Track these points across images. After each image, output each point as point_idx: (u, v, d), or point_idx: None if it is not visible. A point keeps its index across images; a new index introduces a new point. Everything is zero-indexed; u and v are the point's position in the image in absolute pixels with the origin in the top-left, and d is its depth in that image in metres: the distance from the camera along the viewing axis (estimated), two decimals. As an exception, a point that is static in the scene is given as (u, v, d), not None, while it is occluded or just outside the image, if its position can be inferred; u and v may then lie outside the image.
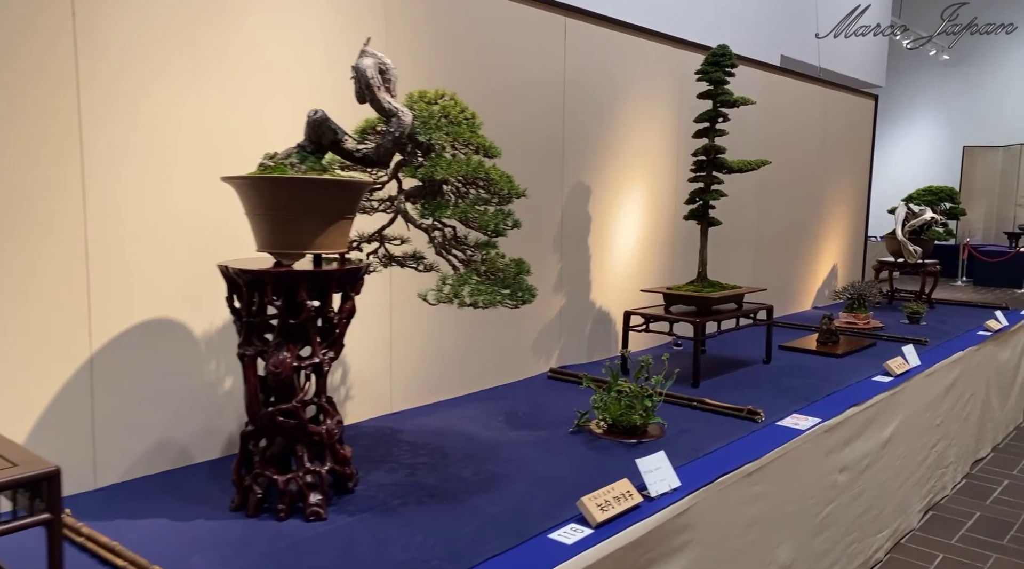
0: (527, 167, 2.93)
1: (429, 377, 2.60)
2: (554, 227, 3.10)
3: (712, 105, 3.14)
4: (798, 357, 3.54)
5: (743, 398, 2.75)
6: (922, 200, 5.12)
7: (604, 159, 3.32)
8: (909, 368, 3.26)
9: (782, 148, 4.62)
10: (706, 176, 3.17)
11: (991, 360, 4.25)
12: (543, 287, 3.07)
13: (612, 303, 3.43)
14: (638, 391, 2.33)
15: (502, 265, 1.74)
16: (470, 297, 1.67)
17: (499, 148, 1.84)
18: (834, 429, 2.57)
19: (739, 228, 4.32)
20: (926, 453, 3.44)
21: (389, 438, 2.22)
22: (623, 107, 3.39)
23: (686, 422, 2.47)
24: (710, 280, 3.23)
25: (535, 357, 3.08)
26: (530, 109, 2.92)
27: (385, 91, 1.67)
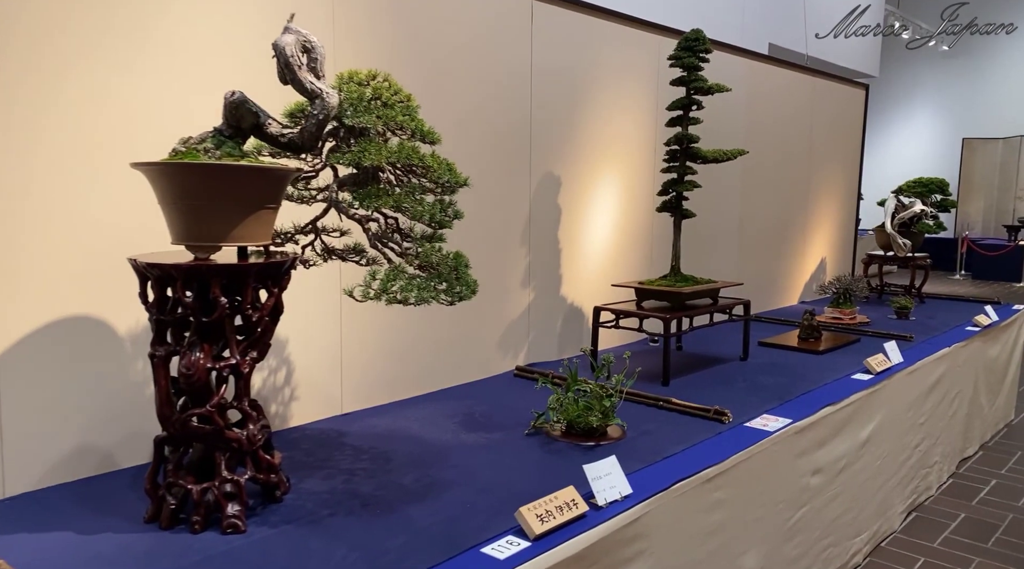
0: (492, 157, 2.81)
1: (383, 376, 2.49)
2: (521, 219, 2.98)
3: (685, 92, 3.02)
4: (777, 354, 3.43)
5: (714, 397, 2.64)
6: (912, 192, 5.00)
7: (575, 149, 3.20)
8: (891, 365, 3.14)
9: (768, 139, 4.50)
10: (679, 166, 3.05)
11: (980, 356, 4.13)
12: (510, 282, 2.96)
13: (584, 298, 3.32)
14: (598, 391, 2.22)
15: (437, 259, 1.62)
16: (400, 293, 1.55)
17: (438, 134, 1.73)
18: (806, 430, 2.46)
19: (722, 221, 4.21)
20: (909, 453, 3.33)
21: (333, 441, 2.11)
22: (596, 95, 3.27)
23: (650, 423, 2.36)
24: (684, 274, 3.12)
25: (502, 354, 2.96)
26: (494, 96, 2.80)
27: (309, 71, 1.55)
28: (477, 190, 2.79)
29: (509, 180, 2.91)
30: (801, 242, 5.04)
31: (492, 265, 2.87)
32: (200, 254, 1.53)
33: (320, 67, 1.61)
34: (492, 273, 2.87)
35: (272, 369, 2.17)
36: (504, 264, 2.93)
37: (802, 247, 5.06)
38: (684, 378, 2.94)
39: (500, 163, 2.86)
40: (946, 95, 15.80)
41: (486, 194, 2.81)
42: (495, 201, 2.86)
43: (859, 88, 5.59)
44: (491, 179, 2.82)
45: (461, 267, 1.64)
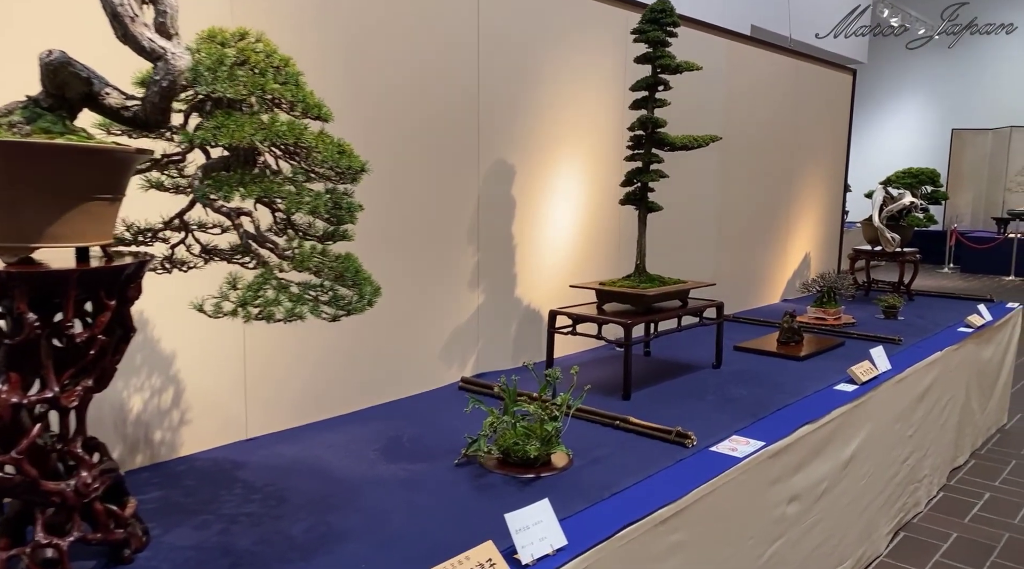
0: (431, 140, 2.49)
1: (299, 394, 2.17)
2: (468, 212, 2.66)
3: (651, 71, 2.70)
4: (754, 360, 3.13)
5: (680, 414, 2.35)
6: (901, 183, 4.71)
7: (531, 134, 2.88)
8: (878, 374, 2.85)
9: (749, 125, 4.19)
10: (644, 154, 2.74)
11: (972, 359, 3.85)
12: (455, 282, 2.64)
13: (543, 300, 3.01)
14: (541, 412, 1.91)
15: (316, 263, 1.30)
16: (265, 307, 1.23)
17: (328, 108, 1.40)
18: (781, 453, 2.17)
19: (698, 213, 3.91)
20: (896, 468, 3.05)
21: (223, 476, 1.79)
22: (556, 74, 2.95)
23: (603, 447, 2.06)
24: (650, 274, 2.81)
25: (446, 364, 2.65)
26: (432, 72, 2.48)
27: (145, 26, 1.22)
28: (415, 179, 2.47)
29: (453, 167, 2.59)
30: (784, 236, 4.75)
31: (434, 264, 2.55)
32: (6, 258, 1.21)
33: (171, 22, 1.28)
34: (434, 273, 2.56)
35: (156, 389, 1.85)
36: (449, 263, 2.61)
37: (785, 241, 4.76)
38: (649, 389, 2.64)
39: (441, 147, 2.54)
40: (936, 85, 15.57)
41: (425, 183, 2.49)
42: (437, 191, 2.54)
43: (846, 73, 5.29)
44: (431, 165, 2.50)
45: (349, 272, 1.32)
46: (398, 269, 2.43)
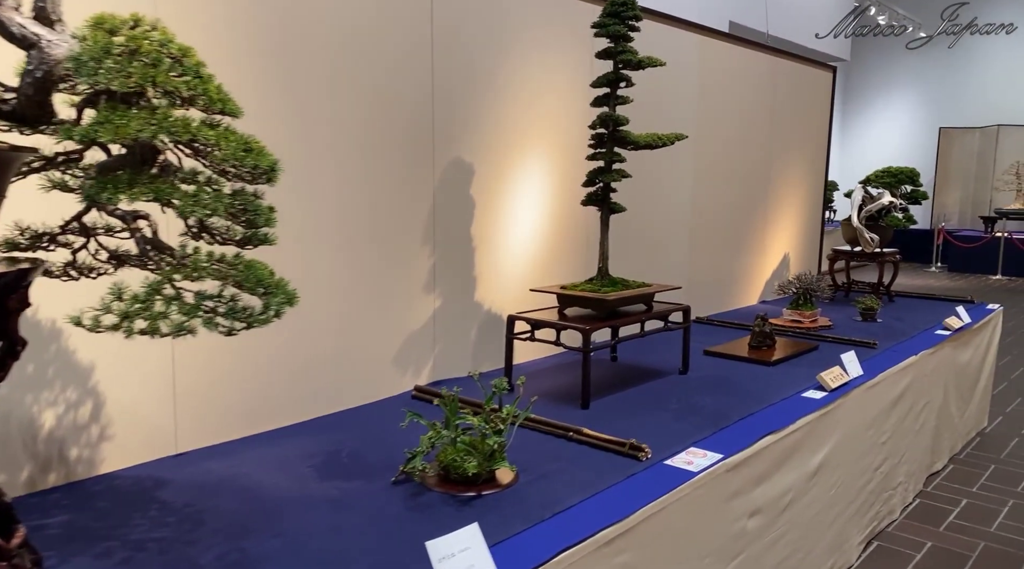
0: (380, 140, 2.38)
1: (236, 405, 2.06)
2: (423, 213, 2.56)
3: (613, 66, 2.60)
4: (723, 366, 3.04)
5: (638, 424, 2.25)
6: (880, 182, 4.63)
7: (491, 132, 2.78)
8: (848, 380, 2.76)
9: (724, 123, 4.10)
10: (606, 153, 2.64)
11: (950, 362, 3.78)
12: (409, 285, 2.54)
13: (506, 304, 2.91)
14: (485, 427, 1.81)
15: (213, 271, 1.20)
16: (150, 322, 1.13)
17: (235, 103, 1.30)
18: (741, 466, 2.07)
19: (670, 213, 3.81)
20: (869, 476, 2.96)
21: (141, 496, 1.68)
22: (518, 69, 2.85)
23: (553, 461, 1.96)
24: (613, 277, 2.71)
25: (399, 371, 2.54)
26: (383, 67, 2.37)
27: (15, 10, 1.11)
28: (364, 178, 2.36)
29: (405, 166, 2.48)
30: (762, 236, 4.66)
31: (386, 266, 2.45)
32: None
33: (52, 6, 1.18)
34: (386, 276, 2.45)
35: (71, 403, 1.74)
36: (402, 265, 2.51)
37: (763, 242, 4.67)
38: (610, 398, 2.55)
39: (393, 146, 2.43)
40: (923, 83, 15.53)
41: (376, 183, 2.39)
42: (388, 191, 2.43)
43: (826, 70, 5.20)
44: (382, 165, 2.40)
45: (249, 281, 1.22)
46: (346, 272, 2.33)
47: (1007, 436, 4.40)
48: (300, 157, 2.16)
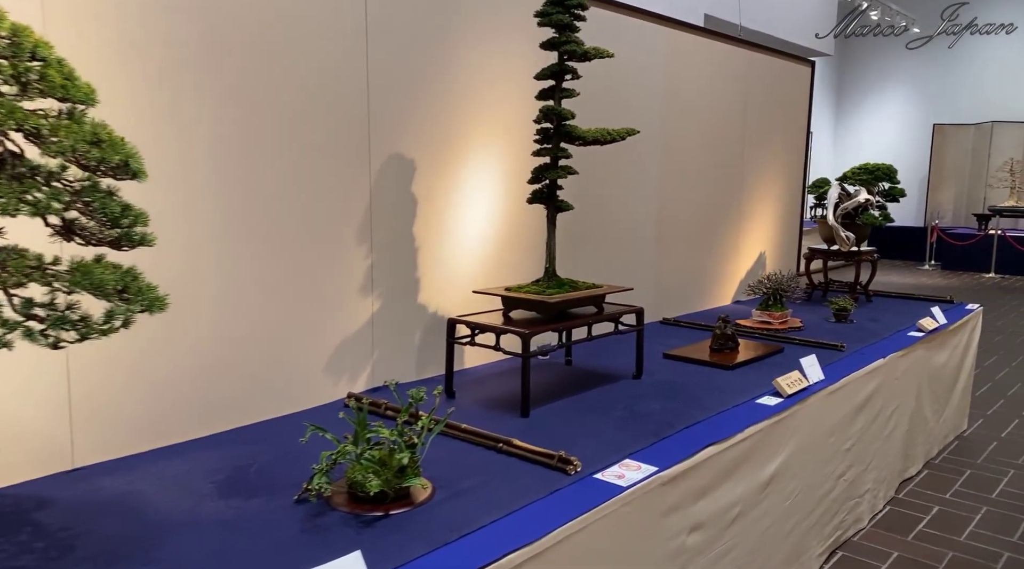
0: (309, 135, 2.27)
1: (140, 416, 1.95)
2: (358, 212, 2.45)
3: (558, 58, 2.49)
4: (681, 370, 2.93)
5: (578, 433, 2.14)
6: (857, 179, 4.51)
7: (433, 126, 2.66)
8: (808, 385, 2.65)
9: (693, 119, 3.98)
10: (552, 148, 2.52)
11: (923, 365, 3.66)
12: (343, 288, 2.43)
13: (453, 306, 2.79)
14: (399, 440, 1.70)
15: (38, 278, 1.08)
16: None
17: (86, 86, 1.18)
18: (679, 479, 1.96)
19: (635, 212, 3.70)
20: (831, 485, 2.85)
21: (16, 518, 1.57)
22: (461, 60, 2.73)
23: (476, 475, 1.85)
24: (561, 278, 2.60)
25: (332, 379, 2.43)
26: (310, 56, 2.25)
27: None
28: (291, 175, 2.23)
29: (337, 162, 2.37)
30: (735, 235, 4.54)
31: (316, 267, 2.34)
32: None
33: None
34: (316, 277, 2.34)
35: (-51, 416, 1.63)
36: (335, 266, 2.40)
37: (736, 240, 4.56)
38: (554, 404, 2.44)
39: (323, 141, 2.32)
40: (918, 80, 15.40)
41: (304, 179, 2.28)
42: (319, 188, 2.32)
43: (804, 64, 5.09)
44: (310, 161, 2.29)
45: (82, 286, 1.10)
46: (270, 274, 2.22)
47: (986, 440, 4.29)
48: (218, 154, 2.05)
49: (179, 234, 1.98)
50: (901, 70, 15.50)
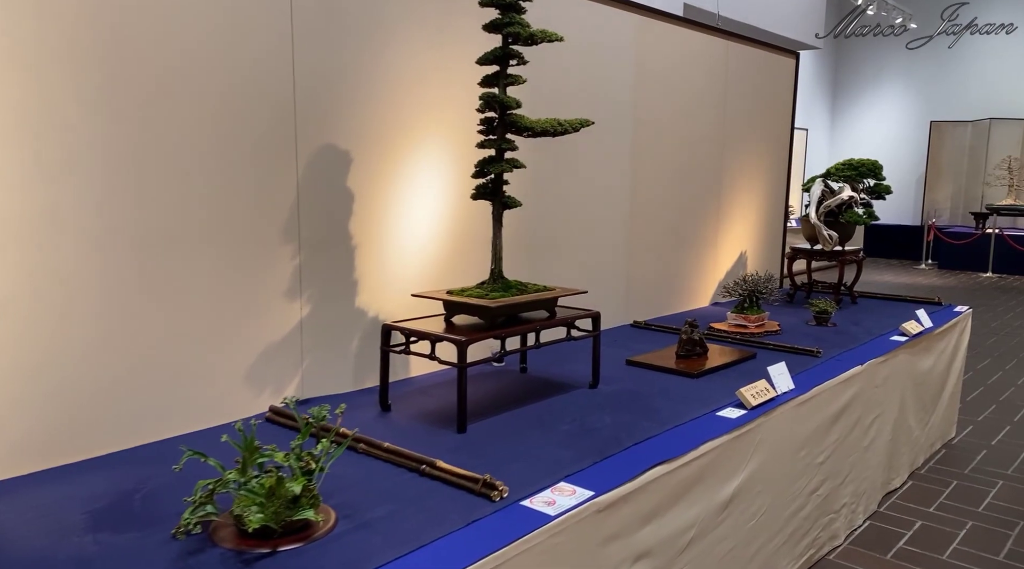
0: (224, 127, 2.08)
1: (24, 436, 1.76)
2: (282, 209, 2.25)
3: (502, 41, 2.29)
4: (642, 377, 2.73)
5: (514, 453, 1.96)
6: (840, 176, 4.32)
7: (370, 117, 2.47)
8: (775, 396, 2.46)
9: (666, 112, 3.79)
10: (497, 140, 2.33)
11: (907, 370, 3.47)
12: (267, 291, 2.23)
13: (397, 310, 2.60)
14: (296, 465, 1.51)
15: None
16: None
17: None
18: (620, 504, 1.77)
19: (605, 209, 3.51)
20: (802, 501, 2.66)
21: None
22: (405, 41, 2.54)
23: (387, 503, 1.65)
24: (508, 280, 2.41)
25: (254, 390, 2.24)
26: (224, 40, 2.06)
27: None
28: (204, 168, 2.00)
29: (257, 155, 2.18)
30: (713, 233, 4.35)
31: (231, 270, 2.14)
32: None
33: None
34: (233, 281, 2.15)
35: None
36: (255, 268, 2.20)
37: (714, 239, 4.37)
38: (497, 418, 2.25)
39: (240, 134, 2.12)
40: (914, 76, 15.19)
41: (220, 173, 2.08)
42: (233, 185, 2.12)
43: (788, 56, 4.89)
44: (226, 153, 2.09)
45: None
46: (179, 278, 2.02)
47: (974, 448, 4.10)
48: (115, 147, 1.85)
49: (63, 238, 1.78)
50: (898, 66, 15.30)
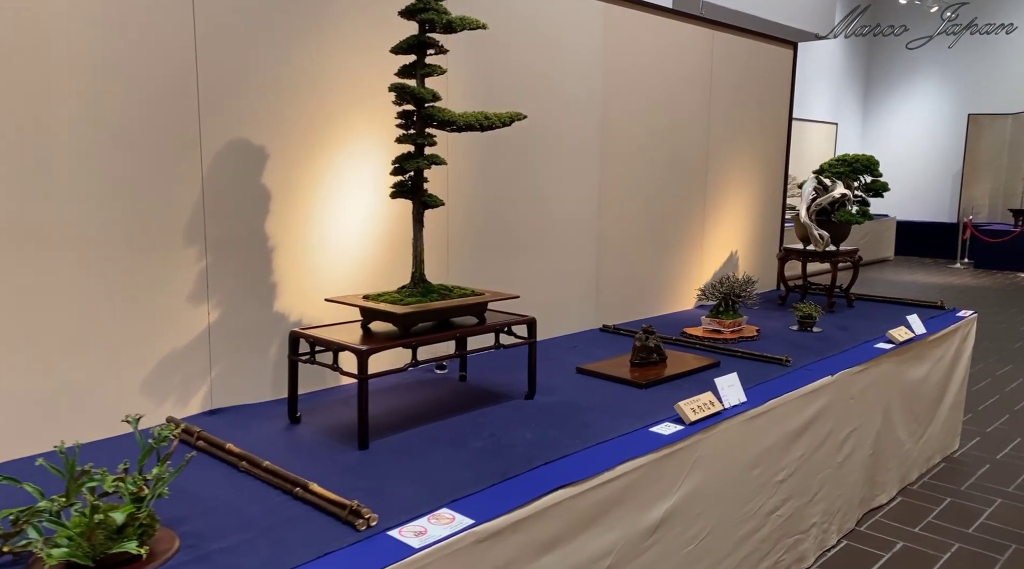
0: (117, 119, 1.96)
1: None
2: (186, 207, 2.13)
3: (419, 28, 2.14)
4: (589, 387, 2.56)
5: (408, 473, 1.82)
6: (834, 172, 4.08)
7: (290, 107, 2.34)
8: (719, 410, 2.27)
9: (641, 106, 3.60)
10: (416, 135, 2.18)
11: (893, 380, 3.23)
12: (165, 294, 2.12)
13: (323, 315, 2.47)
14: (127, 491, 1.38)
15: None
16: None
17: None
18: (508, 533, 1.61)
19: (570, 208, 3.34)
20: (758, 522, 2.46)
21: None
22: (324, 25, 2.40)
23: (246, 530, 1.52)
24: (430, 284, 2.26)
25: (154, 400, 2.13)
26: (118, 25, 1.95)
27: None
28: (94, 164, 1.89)
29: (157, 150, 2.06)
30: (698, 233, 4.14)
31: (123, 273, 2.03)
32: None
33: None
34: (127, 284, 2.04)
35: None
36: (152, 271, 2.08)
37: (699, 239, 4.16)
38: (408, 433, 2.10)
39: (136, 126, 2.01)
40: (951, 68, 14.61)
41: (110, 169, 1.97)
42: (124, 181, 2.01)
43: (785, 47, 4.65)
44: (120, 147, 1.98)
45: None
46: (64, 278, 1.92)
47: (977, 462, 3.83)
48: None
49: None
50: (934, 57, 14.74)
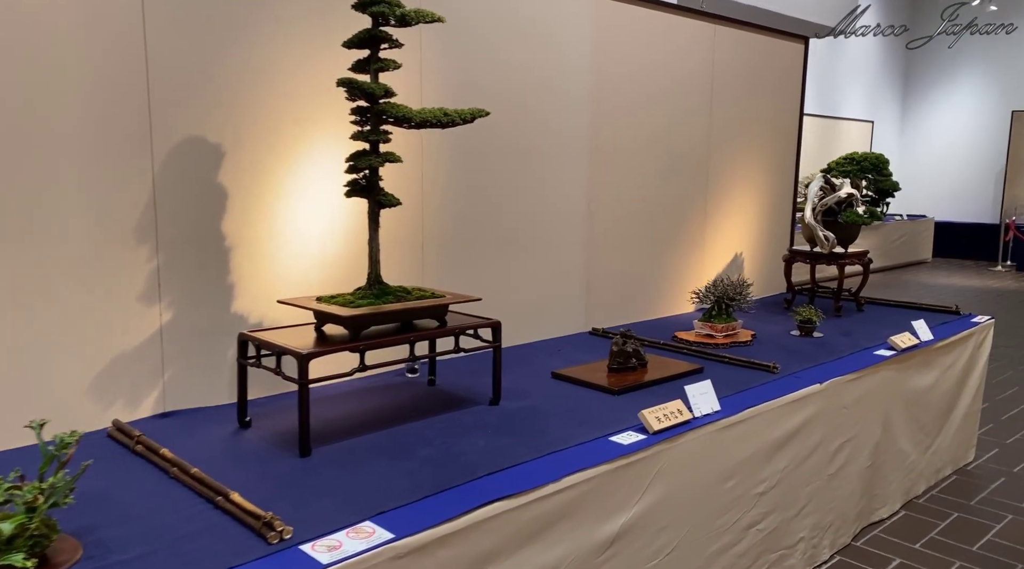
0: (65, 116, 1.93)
1: None
2: (136, 205, 2.09)
3: (372, 23, 2.08)
4: (559, 393, 2.47)
5: (343, 483, 1.76)
6: (840, 170, 3.91)
7: (247, 104, 2.29)
8: (687, 419, 2.16)
9: (634, 103, 3.49)
10: (370, 132, 2.11)
11: (895, 389, 3.07)
12: (114, 293, 2.09)
13: (282, 318, 2.41)
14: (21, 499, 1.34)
15: None
16: None
17: None
18: (431, 549, 1.53)
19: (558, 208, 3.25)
20: (734, 536, 2.34)
21: None
22: (281, 28, 2.35)
23: (151, 541, 1.47)
24: (387, 286, 2.19)
25: (101, 403, 2.09)
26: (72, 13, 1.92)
27: None
28: (32, 157, 1.87)
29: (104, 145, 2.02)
30: (699, 234, 4.01)
31: (67, 272, 2.00)
32: None
33: None
34: (71, 283, 2.00)
35: None
36: (99, 269, 2.05)
37: (700, 240, 4.02)
38: (358, 440, 2.04)
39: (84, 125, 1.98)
40: (993, 62, 14.11)
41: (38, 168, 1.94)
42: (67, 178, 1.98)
43: (796, 41, 4.49)
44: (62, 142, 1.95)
45: None
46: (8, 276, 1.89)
47: (991, 475, 3.63)
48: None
49: None
50: (976, 52, 14.25)
